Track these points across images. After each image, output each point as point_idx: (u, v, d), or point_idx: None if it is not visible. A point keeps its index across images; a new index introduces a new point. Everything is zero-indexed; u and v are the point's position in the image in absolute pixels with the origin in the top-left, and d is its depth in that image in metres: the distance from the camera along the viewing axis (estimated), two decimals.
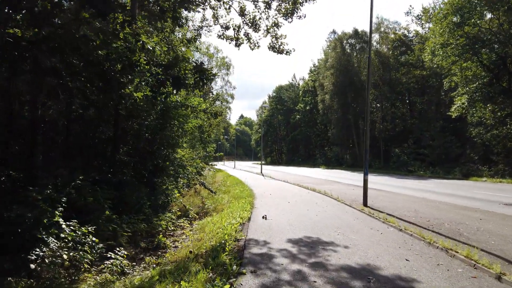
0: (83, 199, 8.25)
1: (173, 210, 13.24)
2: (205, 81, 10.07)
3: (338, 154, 66.63)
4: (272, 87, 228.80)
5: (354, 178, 33.66)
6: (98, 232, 7.94)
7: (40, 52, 8.72)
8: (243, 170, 53.74)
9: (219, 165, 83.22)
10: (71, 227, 6.85)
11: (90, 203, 8.39)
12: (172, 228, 11.04)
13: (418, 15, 56.01)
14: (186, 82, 9.87)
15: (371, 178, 33.37)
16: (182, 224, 11.94)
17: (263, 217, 11.16)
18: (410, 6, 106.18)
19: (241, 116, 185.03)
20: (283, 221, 10.81)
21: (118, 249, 7.35)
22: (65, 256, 6.33)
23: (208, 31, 23.44)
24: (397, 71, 54.45)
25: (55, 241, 6.37)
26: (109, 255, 7.00)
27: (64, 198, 7.08)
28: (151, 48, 8.88)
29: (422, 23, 55.12)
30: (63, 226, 6.61)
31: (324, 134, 77.01)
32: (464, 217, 11.53)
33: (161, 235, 9.31)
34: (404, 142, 51.94)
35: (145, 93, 11.04)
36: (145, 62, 9.18)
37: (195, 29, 24.59)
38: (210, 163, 29.99)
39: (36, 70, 9.55)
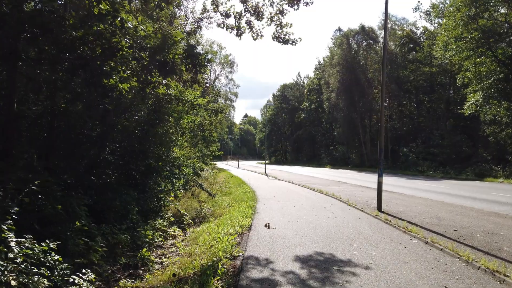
0: (50, 207, 6.88)
1: (166, 216, 11.84)
2: (198, 67, 8.69)
3: (344, 153, 65.01)
4: (276, 86, 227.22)
5: (362, 178, 32.19)
6: (66, 247, 6.59)
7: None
8: (246, 170, 52.35)
9: (222, 164, 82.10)
10: (26, 245, 5.49)
11: (60, 211, 7.03)
12: (161, 239, 9.61)
13: (426, 11, 54.28)
14: (176, 67, 8.48)
15: None
16: (173, 232, 10.56)
17: (265, 226, 9.75)
18: (419, 2, 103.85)
19: (245, 116, 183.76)
20: (288, 230, 9.41)
21: (85, 270, 5.95)
22: (13, 283, 4.98)
23: (208, 23, 22.04)
24: (404, 69, 52.76)
25: (1, 263, 5.01)
26: (71, 279, 5.60)
27: (16, 208, 5.70)
28: (131, 26, 7.51)
29: (431, 19, 53.37)
30: (12, 244, 5.24)
31: (330, 133, 75.53)
32: (496, 226, 10.07)
33: (144, 249, 7.90)
34: (412, 141, 50.37)
35: (131, 83, 9.67)
36: (127, 45, 7.81)
37: (195, 21, 23.23)
38: (211, 163, 28.56)
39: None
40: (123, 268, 7.25)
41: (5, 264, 5.09)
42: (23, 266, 5.30)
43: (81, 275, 5.76)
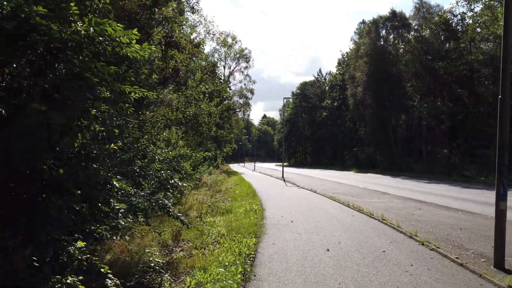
0: None
1: (70, 281, 5.78)
2: None
3: (371, 155, 57.79)
4: (295, 87, 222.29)
5: (401, 186, 25.67)
6: None
7: None
8: (262, 174, 46.30)
9: (238, 167, 76.45)
10: None
11: None
12: None
13: None
14: None
15: (427, 187, 24.34)
16: None
17: None
18: None
19: (264, 116, 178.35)
20: None
21: None
22: None
23: None
24: (442, 59, 45.68)
25: None
26: None
27: None
28: None
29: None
30: None
31: (354, 133, 68.78)
32: None
33: None
34: (452, 141, 43.39)
35: None
36: None
37: None
38: (215, 165, 22.34)
39: None
40: None
41: None
42: None
43: None
